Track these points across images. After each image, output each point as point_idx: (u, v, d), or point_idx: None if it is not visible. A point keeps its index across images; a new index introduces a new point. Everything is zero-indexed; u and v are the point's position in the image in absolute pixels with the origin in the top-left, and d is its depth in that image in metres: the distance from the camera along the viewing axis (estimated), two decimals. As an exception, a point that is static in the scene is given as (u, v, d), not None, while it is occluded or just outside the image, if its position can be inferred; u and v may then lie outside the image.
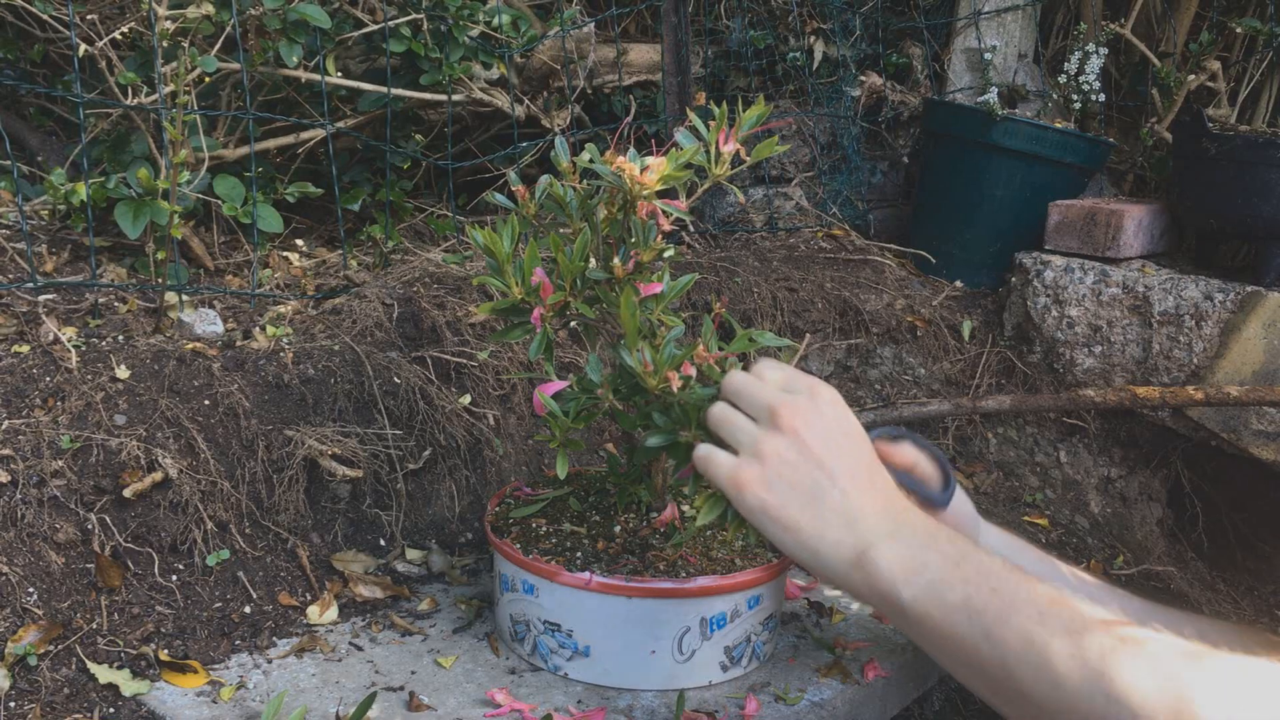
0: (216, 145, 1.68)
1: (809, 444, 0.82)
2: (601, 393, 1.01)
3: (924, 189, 2.30)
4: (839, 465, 0.81)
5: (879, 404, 1.96)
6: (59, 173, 1.59)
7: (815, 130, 2.45)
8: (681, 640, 1.08)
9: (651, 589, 1.05)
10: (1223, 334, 1.78)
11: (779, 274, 1.96)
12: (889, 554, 0.78)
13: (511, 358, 1.54)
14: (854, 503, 0.81)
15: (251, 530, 1.25)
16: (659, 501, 1.17)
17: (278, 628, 1.17)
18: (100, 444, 1.16)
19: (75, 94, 1.51)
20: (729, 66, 2.60)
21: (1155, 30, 2.43)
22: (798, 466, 0.82)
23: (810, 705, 1.09)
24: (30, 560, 1.08)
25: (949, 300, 2.09)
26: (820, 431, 0.82)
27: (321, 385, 1.36)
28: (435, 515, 1.42)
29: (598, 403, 1.01)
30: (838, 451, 0.82)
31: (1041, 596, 0.73)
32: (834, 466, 0.81)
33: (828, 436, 0.82)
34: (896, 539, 0.79)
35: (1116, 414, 1.91)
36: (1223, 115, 2.20)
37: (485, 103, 2.03)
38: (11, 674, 1.00)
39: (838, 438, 0.83)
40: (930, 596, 0.76)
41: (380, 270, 1.74)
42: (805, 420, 0.82)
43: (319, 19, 1.66)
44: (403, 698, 1.05)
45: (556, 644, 1.09)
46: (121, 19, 1.70)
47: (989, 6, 2.49)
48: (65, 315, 1.43)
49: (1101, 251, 1.95)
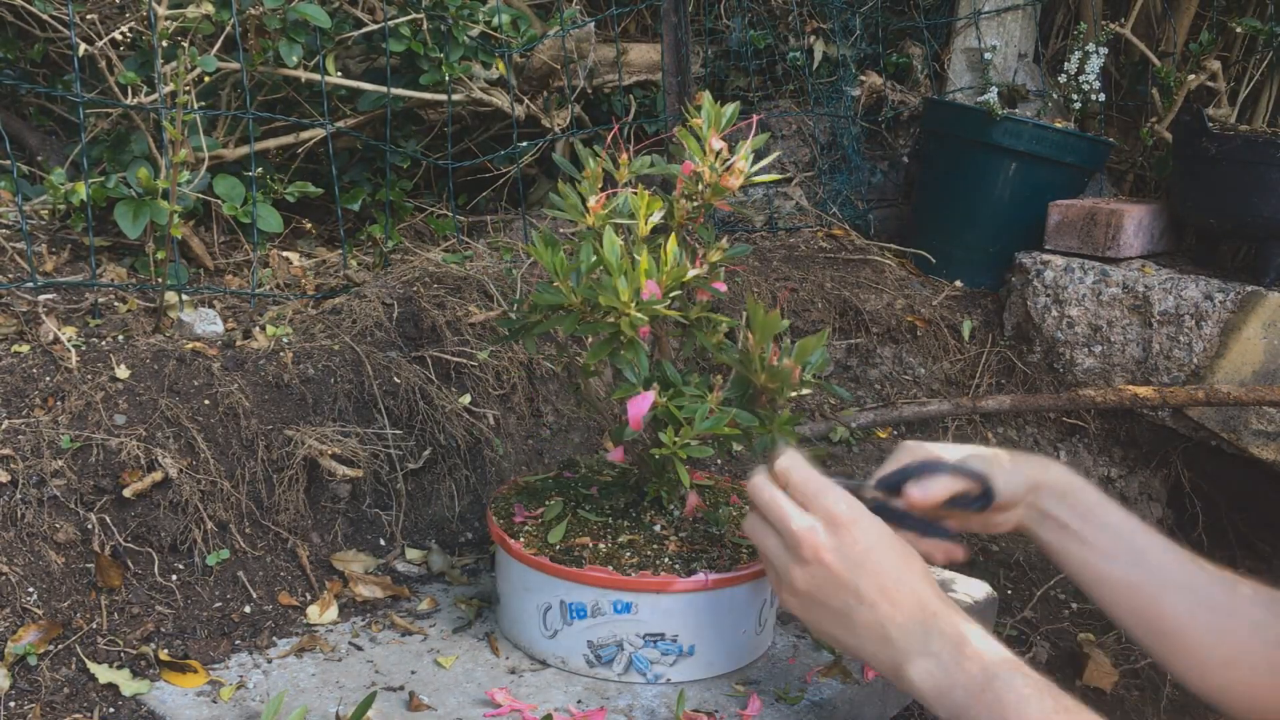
0: (216, 145, 1.68)
1: (833, 570, 0.88)
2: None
3: (924, 189, 2.30)
4: (865, 585, 0.87)
5: (879, 404, 1.96)
6: (59, 172, 1.59)
7: (815, 130, 2.45)
8: (761, 613, 1.15)
9: (753, 572, 1.09)
10: (1223, 334, 1.78)
11: (779, 274, 1.96)
12: (920, 671, 0.84)
13: (511, 357, 1.54)
14: (884, 618, 0.86)
15: (251, 530, 1.25)
16: (675, 495, 1.18)
17: (278, 627, 1.17)
18: (100, 444, 1.16)
19: (75, 94, 1.51)
20: (729, 66, 2.60)
21: (1155, 30, 2.43)
22: (826, 591, 0.89)
23: (810, 705, 1.09)
24: (30, 560, 1.08)
25: (949, 300, 2.09)
26: (842, 557, 0.88)
27: (321, 385, 1.36)
28: (435, 515, 1.42)
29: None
30: (861, 572, 0.87)
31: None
32: (860, 587, 0.87)
33: (849, 560, 0.88)
34: (926, 655, 0.84)
35: (1116, 414, 1.91)
36: (1223, 115, 2.20)
37: (485, 102, 2.03)
38: (11, 674, 1.00)
39: (859, 558, 0.88)
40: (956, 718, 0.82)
41: (380, 270, 1.74)
42: (827, 549, 0.88)
43: (319, 19, 1.66)
44: (403, 698, 1.05)
45: (659, 653, 1.09)
46: (121, 19, 1.70)
47: (989, 6, 2.49)
48: (65, 315, 1.43)
49: (1101, 251, 1.95)
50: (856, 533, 0.89)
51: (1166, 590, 0.98)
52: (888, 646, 0.86)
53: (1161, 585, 0.98)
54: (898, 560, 0.88)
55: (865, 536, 0.89)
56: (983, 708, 0.80)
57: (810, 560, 0.89)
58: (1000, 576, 1.84)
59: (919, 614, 0.86)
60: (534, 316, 1.11)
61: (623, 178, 1.10)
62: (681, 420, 1.03)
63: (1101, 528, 1.02)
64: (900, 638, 0.85)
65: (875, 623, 0.86)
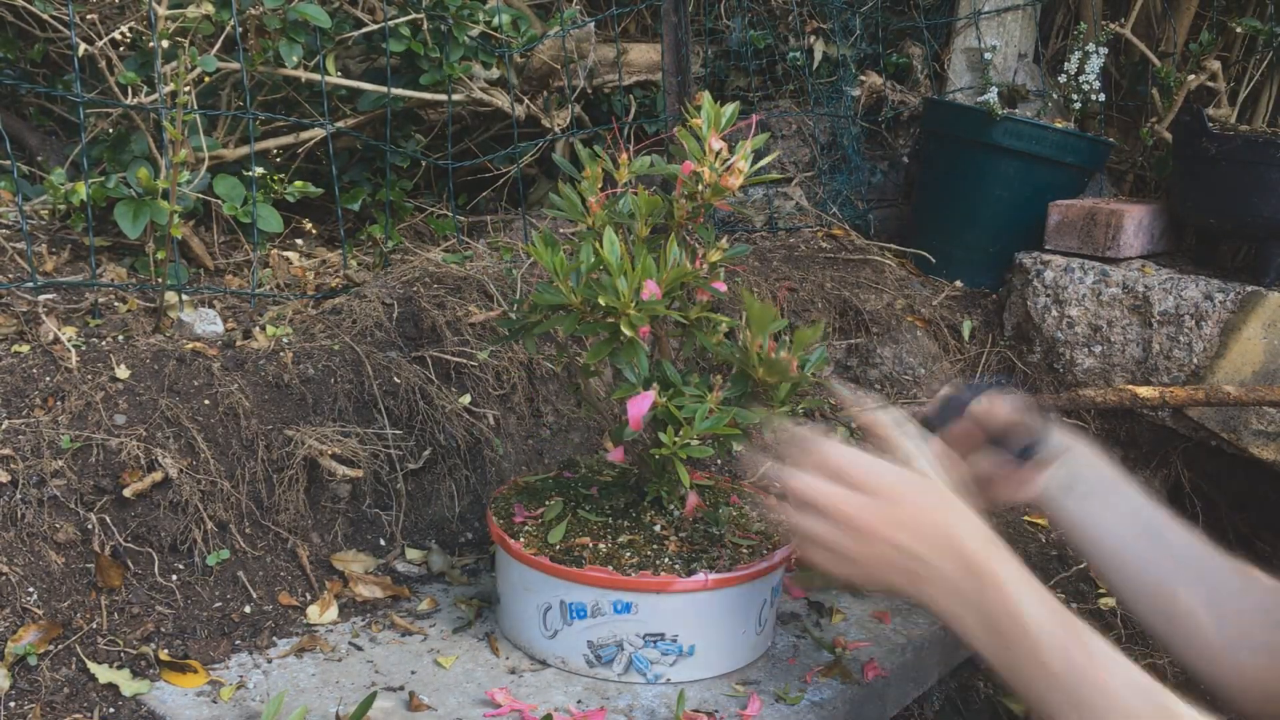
0: (216, 145, 1.68)
1: (889, 537, 0.87)
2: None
3: (924, 189, 2.30)
4: (919, 547, 0.86)
5: (878, 404, 1.96)
6: (59, 172, 1.59)
7: (815, 130, 2.45)
8: (761, 613, 1.15)
9: (752, 572, 1.09)
10: (1223, 334, 1.78)
11: (779, 274, 1.96)
12: (971, 620, 0.84)
13: (511, 357, 1.54)
14: (944, 573, 0.85)
15: (251, 530, 1.25)
16: (675, 495, 1.18)
17: (278, 627, 1.17)
18: (100, 444, 1.16)
19: (75, 94, 1.51)
20: (729, 66, 2.60)
21: (1155, 30, 2.43)
22: (890, 558, 0.87)
23: (810, 705, 1.09)
24: (30, 560, 1.08)
25: (949, 300, 2.09)
26: (891, 520, 0.87)
27: (321, 385, 1.36)
28: (435, 515, 1.42)
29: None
30: (911, 534, 0.86)
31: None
32: (916, 549, 0.86)
33: (898, 523, 0.87)
34: (980, 610, 0.83)
35: (1116, 414, 1.91)
36: (1223, 115, 2.20)
37: (485, 102, 2.03)
38: (11, 674, 1.00)
39: (905, 519, 0.87)
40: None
41: (380, 270, 1.74)
42: (876, 518, 0.87)
43: (319, 19, 1.66)
44: (403, 698, 1.05)
45: (659, 654, 1.09)
46: (121, 19, 1.70)
47: (989, 6, 2.49)
48: (65, 315, 1.43)
49: (1101, 251, 1.95)
50: (900, 490, 0.88)
51: (1181, 571, 0.98)
52: (953, 594, 0.85)
53: (1176, 566, 0.98)
54: (938, 506, 0.88)
55: (911, 493, 0.88)
56: (1032, 665, 0.80)
57: (867, 534, 0.88)
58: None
59: (969, 565, 0.84)
60: (534, 316, 1.12)
61: (623, 178, 1.10)
62: (681, 420, 1.03)
63: (1122, 502, 1.02)
64: (959, 590, 0.84)
65: (940, 578, 0.85)
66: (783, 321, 1.08)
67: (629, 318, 1.00)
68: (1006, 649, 0.81)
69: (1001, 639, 0.82)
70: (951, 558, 0.85)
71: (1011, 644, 0.81)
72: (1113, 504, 1.03)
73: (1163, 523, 1.02)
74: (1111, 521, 1.02)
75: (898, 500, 0.88)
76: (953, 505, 0.88)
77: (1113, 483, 1.04)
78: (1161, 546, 1.00)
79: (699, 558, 1.11)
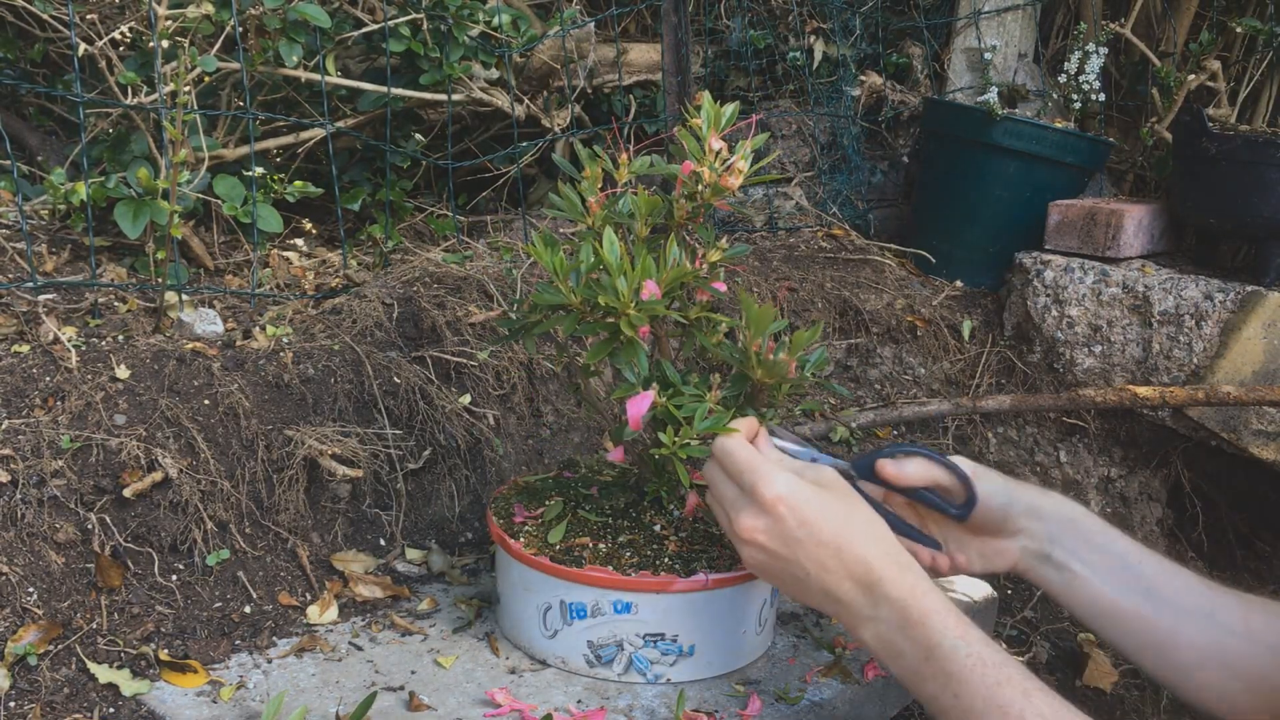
0: (216, 145, 1.68)
1: (772, 550, 0.91)
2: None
3: (924, 189, 2.30)
4: (806, 559, 0.89)
5: (879, 404, 1.96)
6: (59, 172, 1.59)
7: (815, 130, 2.45)
8: (761, 613, 1.15)
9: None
10: (1223, 334, 1.78)
11: (779, 273, 1.96)
12: (869, 636, 0.87)
13: (511, 357, 1.54)
14: (830, 587, 0.89)
15: (251, 530, 1.25)
16: (674, 495, 1.18)
17: (278, 627, 1.17)
18: (100, 444, 1.16)
19: (75, 94, 1.51)
20: (729, 66, 2.60)
21: (1155, 30, 2.43)
22: (773, 565, 0.91)
23: (810, 705, 1.09)
24: (30, 560, 1.08)
25: (949, 300, 2.09)
26: (774, 536, 0.90)
27: (321, 385, 1.36)
28: (435, 515, 1.42)
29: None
30: (797, 547, 0.89)
31: (1002, 704, 0.78)
32: (801, 560, 0.89)
33: (785, 538, 0.90)
34: (875, 621, 0.86)
35: (1116, 414, 1.91)
36: (1223, 115, 2.20)
37: (485, 102, 2.03)
38: (11, 674, 1.00)
39: (796, 535, 0.89)
40: (907, 682, 0.85)
41: (380, 270, 1.74)
42: (759, 531, 0.91)
43: (319, 19, 1.66)
44: (403, 698, 1.05)
45: (659, 654, 1.09)
46: (121, 19, 1.70)
47: (989, 6, 2.49)
48: (65, 315, 1.43)
49: (1101, 251, 1.95)
50: (782, 510, 0.89)
51: (1183, 621, 0.94)
52: (839, 607, 0.89)
53: (1177, 616, 0.94)
54: (836, 531, 0.88)
55: (795, 513, 0.89)
56: (931, 672, 0.82)
57: (748, 541, 0.91)
58: (1000, 576, 1.84)
59: (865, 584, 0.87)
60: (534, 316, 1.12)
61: (622, 178, 1.10)
62: (681, 420, 1.03)
63: (1108, 559, 0.98)
64: (848, 604, 0.88)
65: (824, 590, 0.89)
66: (782, 322, 1.08)
67: (629, 318, 1.00)
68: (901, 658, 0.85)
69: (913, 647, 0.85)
70: (862, 577, 0.87)
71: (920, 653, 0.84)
72: (1095, 564, 0.98)
73: (1155, 572, 0.97)
74: (1097, 586, 0.98)
75: (792, 521, 0.90)
76: (850, 516, 0.91)
77: (1091, 540, 0.99)
78: (1158, 601, 0.95)
79: (699, 558, 1.11)
